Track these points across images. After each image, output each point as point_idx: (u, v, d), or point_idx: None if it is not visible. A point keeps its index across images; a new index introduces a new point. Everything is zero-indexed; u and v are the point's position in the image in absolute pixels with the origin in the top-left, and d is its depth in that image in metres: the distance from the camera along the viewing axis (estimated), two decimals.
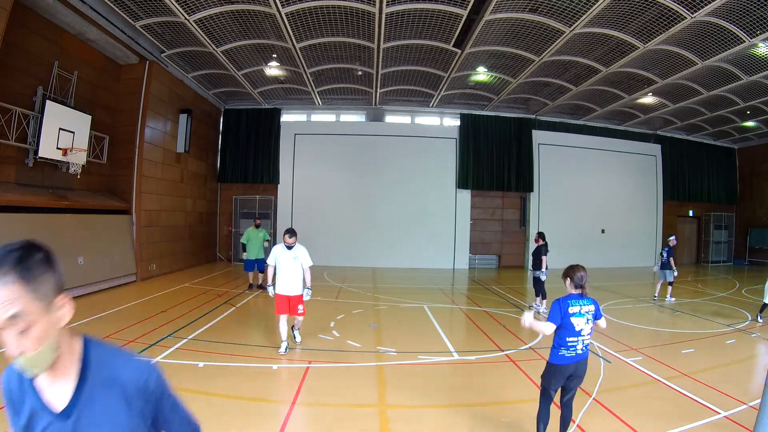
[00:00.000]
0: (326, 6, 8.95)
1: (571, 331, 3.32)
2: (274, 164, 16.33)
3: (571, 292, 3.43)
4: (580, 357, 3.37)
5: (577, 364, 3.37)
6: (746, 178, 20.00)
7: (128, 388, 1.13)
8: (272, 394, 4.50)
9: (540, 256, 8.82)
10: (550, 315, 3.37)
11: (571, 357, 3.34)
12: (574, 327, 3.31)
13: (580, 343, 3.34)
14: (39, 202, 8.28)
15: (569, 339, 3.33)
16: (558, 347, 3.36)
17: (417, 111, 16.79)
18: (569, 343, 3.33)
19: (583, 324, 3.34)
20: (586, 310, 3.37)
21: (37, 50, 8.37)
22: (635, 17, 8.89)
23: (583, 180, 17.43)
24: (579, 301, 3.37)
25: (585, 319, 3.35)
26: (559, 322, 3.33)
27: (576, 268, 3.45)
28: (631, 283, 13.39)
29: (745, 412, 4.07)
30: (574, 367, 3.37)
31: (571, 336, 3.33)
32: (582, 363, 3.40)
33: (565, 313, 3.32)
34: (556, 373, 3.38)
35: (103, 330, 6.40)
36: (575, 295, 3.40)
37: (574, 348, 3.33)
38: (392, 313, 8.44)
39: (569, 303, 3.35)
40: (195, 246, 14.44)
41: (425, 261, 16.20)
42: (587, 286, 3.43)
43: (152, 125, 11.55)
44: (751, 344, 6.70)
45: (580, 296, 3.39)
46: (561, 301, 3.37)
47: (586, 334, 3.37)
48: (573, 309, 3.34)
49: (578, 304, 3.36)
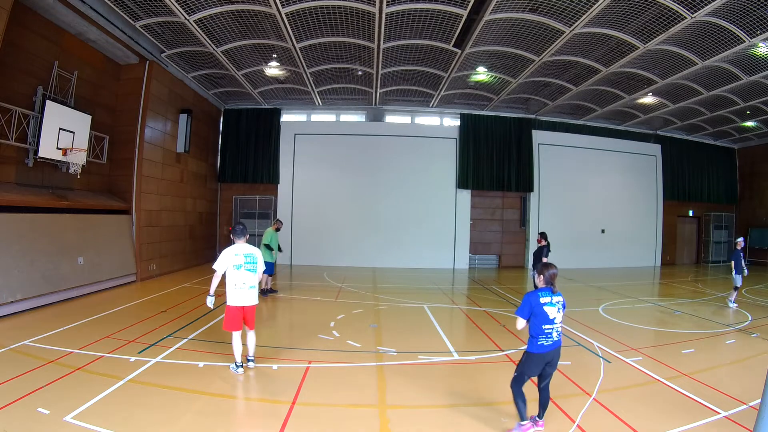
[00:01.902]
0: (326, 6, 8.95)
1: (545, 319, 3.59)
2: (274, 164, 16.33)
3: (542, 286, 3.72)
4: (555, 345, 3.66)
5: (554, 352, 3.67)
6: (746, 178, 20.00)
7: None
8: (272, 394, 4.49)
9: (541, 256, 8.82)
10: (520, 308, 3.68)
11: (548, 345, 3.62)
12: (547, 315, 3.60)
13: (554, 331, 3.63)
14: (39, 202, 8.28)
15: (545, 327, 3.60)
16: (536, 336, 3.61)
17: (417, 111, 16.79)
18: (546, 330, 3.60)
19: (555, 313, 3.63)
20: (556, 300, 3.66)
21: (37, 50, 8.37)
22: (635, 17, 8.89)
23: (583, 180, 17.43)
24: (549, 293, 3.65)
25: (556, 309, 3.64)
26: (528, 315, 3.63)
27: (549, 266, 3.74)
28: (631, 282, 13.38)
29: (745, 412, 4.07)
30: (552, 355, 3.66)
31: (546, 324, 3.60)
32: (557, 350, 3.70)
33: (536, 303, 3.60)
34: (535, 361, 3.64)
35: (103, 330, 6.41)
36: (545, 288, 3.68)
37: (551, 336, 3.61)
38: (392, 313, 8.44)
39: (539, 294, 3.64)
40: (195, 246, 14.44)
41: (425, 261, 16.20)
42: (556, 283, 3.72)
43: (152, 125, 11.55)
44: (751, 344, 6.69)
45: (551, 290, 3.66)
46: (531, 294, 3.66)
47: (558, 322, 3.65)
48: (544, 299, 3.62)
49: (549, 295, 3.64)
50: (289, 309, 8.99)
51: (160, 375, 4.80)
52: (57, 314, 7.35)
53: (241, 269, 4.92)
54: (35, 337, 5.91)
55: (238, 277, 4.91)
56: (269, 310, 8.61)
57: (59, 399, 4.01)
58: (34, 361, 4.99)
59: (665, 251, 18.65)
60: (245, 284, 4.93)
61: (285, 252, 15.53)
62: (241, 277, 4.91)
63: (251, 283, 4.98)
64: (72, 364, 4.96)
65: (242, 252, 4.97)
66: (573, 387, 4.75)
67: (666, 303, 10.09)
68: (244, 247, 5.03)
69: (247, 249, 5.03)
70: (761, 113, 15.05)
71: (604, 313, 8.74)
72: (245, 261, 4.94)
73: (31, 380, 4.42)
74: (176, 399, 4.21)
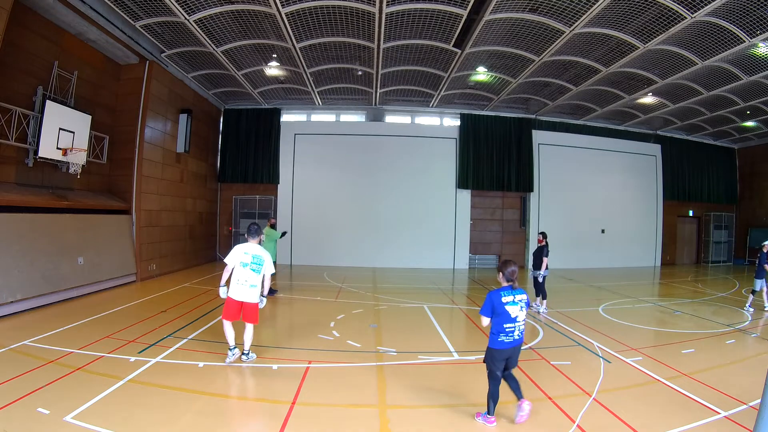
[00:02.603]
0: (326, 6, 8.95)
1: (507, 318, 3.75)
2: (274, 164, 16.33)
3: (504, 284, 3.85)
4: (516, 342, 3.82)
5: (514, 349, 3.83)
6: (746, 178, 20.00)
7: None
8: (272, 394, 4.49)
9: (541, 256, 8.82)
10: (483, 308, 3.84)
11: (509, 342, 3.78)
12: (509, 314, 3.75)
13: (517, 329, 3.78)
14: (39, 202, 8.28)
15: (507, 325, 3.75)
16: (497, 333, 3.78)
17: (417, 111, 16.79)
18: (507, 329, 3.76)
19: (518, 311, 3.77)
20: (519, 299, 3.79)
21: (37, 50, 8.37)
22: (635, 17, 8.89)
23: (583, 180, 17.43)
24: (511, 292, 3.79)
25: (519, 307, 3.78)
26: (490, 314, 3.79)
27: (508, 263, 3.90)
28: (631, 282, 13.38)
29: (745, 412, 4.07)
30: (511, 352, 3.82)
31: (508, 323, 3.75)
32: (517, 348, 3.86)
33: (498, 303, 3.75)
34: (496, 356, 3.81)
35: (103, 330, 6.41)
36: (507, 287, 3.81)
37: (512, 333, 3.77)
38: (392, 313, 8.44)
39: (501, 294, 3.78)
40: (195, 246, 14.44)
41: (425, 261, 16.20)
42: (516, 279, 3.86)
43: (152, 125, 11.55)
44: (751, 344, 6.70)
45: (511, 288, 3.79)
46: (493, 293, 3.81)
47: (521, 320, 3.81)
48: (506, 299, 3.76)
49: (511, 294, 3.78)
50: (289, 309, 8.99)
51: (160, 375, 4.80)
52: (57, 314, 7.35)
53: (247, 267, 5.15)
54: (35, 337, 5.91)
55: (242, 274, 5.14)
56: (269, 310, 8.60)
57: (59, 399, 4.01)
58: (34, 361, 4.99)
59: (665, 251, 18.64)
60: (247, 282, 5.14)
61: (285, 252, 15.56)
62: (244, 274, 5.14)
63: (252, 282, 5.17)
64: (72, 364, 4.96)
65: (251, 252, 5.21)
66: (573, 387, 4.75)
67: (666, 303, 10.09)
68: (254, 247, 5.27)
69: (256, 250, 5.25)
70: (761, 113, 15.05)
71: (604, 313, 8.74)
72: (252, 261, 5.17)
73: (31, 380, 4.42)
74: (176, 399, 4.21)
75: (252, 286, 5.16)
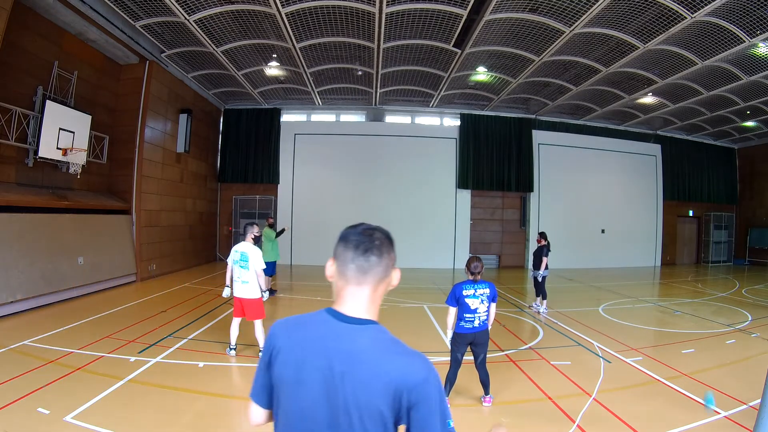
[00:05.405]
0: (326, 6, 8.95)
1: (466, 309, 4.07)
2: (274, 164, 16.32)
3: (468, 278, 4.14)
4: (477, 329, 4.10)
5: (476, 334, 4.10)
6: (746, 178, 19.98)
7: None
8: None
9: (541, 256, 8.81)
10: (447, 298, 4.18)
11: (469, 328, 4.08)
12: (469, 306, 4.06)
13: (476, 319, 4.08)
14: (39, 202, 8.28)
15: (466, 315, 4.08)
16: (460, 320, 4.12)
17: (417, 111, 16.78)
18: (466, 318, 4.08)
19: (478, 304, 4.07)
20: (480, 293, 4.09)
21: (37, 50, 8.37)
22: (635, 17, 8.89)
23: (583, 180, 17.41)
24: (473, 285, 4.09)
25: (479, 300, 4.07)
26: (455, 304, 4.10)
27: (472, 259, 4.17)
28: (631, 282, 13.37)
29: (745, 412, 4.07)
30: (473, 336, 4.10)
31: (467, 313, 4.07)
32: (480, 333, 4.12)
33: (459, 295, 4.08)
34: (458, 340, 4.14)
35: (103, 330, 6.41)
36: (469, 281, 4.12)
37: (472, 322, 4.08)
38: (392, 313, 8.44)
39: (463, 287, 4.10)
40: (195, 246, 14.43)
41: (425, 261, 16.18)
42: (479, 274, 4.11)
43: (152, 125, 11.55)
44: (751, 344, 6.69)
45: (473, 282, 4.09)
46: (456, 285, 4.14)
47: (482, 312, 4.09)
48: (467, 292, 4.08)
49: (472, 287, 4.09)
50: (289, 309, 8.99)
51: (160, 375, 4.80)
52: (57, 314, 7.35)
53: (237, 265, 5.47)
54: (35, 337, 5.91)
55: (236, 272, 5.47)
56: (270, 311, 8.58)
57: (59, 399, 4.01)
58: (34, 361, 4.99)
59: (665, 251, 18.64)
60: (239, 278, 5.44)
61: (285, 252, 15.53)
62: (236, 271, 5.46)
63: (244, 278, 5.43)
64: (72, 364, 4.96)
65: (240, 249, 5.49)
66: (573, 387, 4.75)
67: (666, 303, 10.09)
68: (243, 245, 5.54)
69: (244, 247, 5.49)
70: (761, 113, 15.04)
71: (604, 313, 8.74)
72: (240, 258, 5.45)
73: (31, 380, 4.42)
74: (176, 399, 4.21)
75: (244, 282, 5.39)
